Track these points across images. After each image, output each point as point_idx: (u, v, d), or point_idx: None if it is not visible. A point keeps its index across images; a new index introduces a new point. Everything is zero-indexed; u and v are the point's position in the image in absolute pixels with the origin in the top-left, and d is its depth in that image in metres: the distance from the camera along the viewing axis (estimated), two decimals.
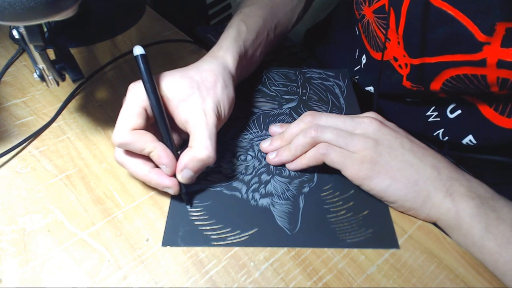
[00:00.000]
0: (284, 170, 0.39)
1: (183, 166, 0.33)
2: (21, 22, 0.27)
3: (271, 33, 0.49)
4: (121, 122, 0.33)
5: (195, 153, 0.33)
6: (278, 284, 0.31)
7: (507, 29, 0.34)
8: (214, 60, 0.40)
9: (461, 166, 0.38)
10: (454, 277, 0.31)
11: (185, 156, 0.33)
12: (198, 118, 0.34)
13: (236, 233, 0.34)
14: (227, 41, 0.43)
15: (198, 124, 0.34)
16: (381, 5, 0.45)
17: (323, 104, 0.47)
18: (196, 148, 0.33)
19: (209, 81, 0.37)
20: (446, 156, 0.39)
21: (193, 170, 0.33)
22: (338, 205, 0.36)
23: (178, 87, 0.36)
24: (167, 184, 0.33)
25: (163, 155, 0.33)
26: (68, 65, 0.36)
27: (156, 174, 0.34)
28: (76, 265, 0.31)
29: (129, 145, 0.33)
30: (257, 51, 0.47)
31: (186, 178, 0.34)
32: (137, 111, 0.33)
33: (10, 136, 0.41)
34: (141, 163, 0.34)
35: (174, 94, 0.35)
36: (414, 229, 0.35)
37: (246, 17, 0.47)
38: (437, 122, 0.48)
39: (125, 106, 0.34)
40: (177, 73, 0.37)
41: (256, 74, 0.50)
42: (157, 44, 0.56)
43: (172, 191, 0.34)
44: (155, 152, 0.33)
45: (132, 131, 0.33)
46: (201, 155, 0.33)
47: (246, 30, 0.45)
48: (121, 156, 0.34)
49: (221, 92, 0.37)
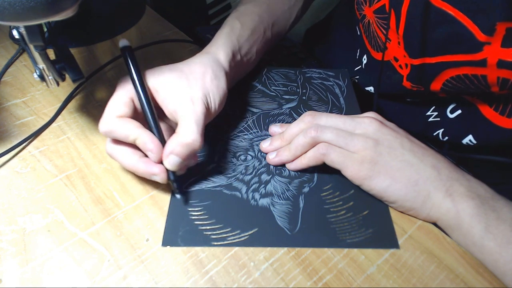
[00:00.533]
0: (284, 170, 0.39)
1: (169, 151, 0.33)
2: (21, 22, 0.27)
3: (268, 31, 0.49)
4: (107, 110, 0.34)
5: (180, 138, 0.33)
6: (278, 284, 0.31)
7: (508, 29, 0.34)
8: (205, 55, 0.41)
9: (461, 166, 0.38)
10: (454, 277, 0.31)
11: (171, 142, 0.33)
12: (185, 106, 0.35)
13: (236, 233, 0.34)
14: (220, 38, 0.43)
15: (185, 111, 0.34)
16: (381, 5, 0.45)
17: (323, 104, 0.47)
18: (182, 133, 0.33)
19: (197, 72, 0.38)
20: (446, 156, 0.39)
21: (179, 156, 0.33)
22: (338, 205, 0.36)
23: (167, 79, 0.36)
24: (153, 171, 0.33)
25: (149, 141, 0.33)
26: (68, 65, 0.36)
27: (144, 162, 0.34)
28: (76, 265, 0.31)
29: (113, 133, 0.33)
30: (253, 48, 0.47)
31: (172, 164, 0.33)
32: (123, 100, 0.34)
33: (10, 136, 0.41)
34: (129, 152, 0.34)
35: (162, 86, 0.36)
36: (414, 229, 0.35)
37: (241, 15, 0.47)
38: (437, 122, 0.48)
39: (112, 97, 0.34)
40: (166, 67, 0.38)
41: (256, 74, 0.50)
42: (157, 44, 0.56)
43: (159, 178, 0.33)
44: (141, 138, 0.33)
45: (117, 118, 0.33)
46: (186, 140, 0.33)
47: (240, 26, 0.45)
48: (110, 147, 0.35)
49: (210, 82, 0.38)
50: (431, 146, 0.40)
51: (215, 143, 0.41)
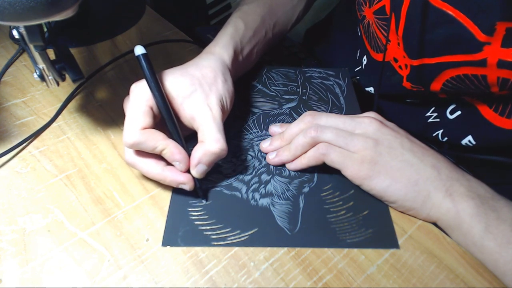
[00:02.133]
0: (284, 170, 0.39)
1: (197, 161, 0.33)
2: (21, 22, 0.27)
3: (270, 32, 0.49)
4: (130, 122, 0.33)
5: (208, 147, 0.33)
6: (278, 284, 0.31)
7: (508, 29, 0.34)
8: (212, 56, 0.40)
9: (461, 166, 0.38)
10: (454, 277, 0.31)
11: (198, 151, 0.34)
12: (205, 113, 0.35)
13: (236, 233, 0.34)
14: (224, 38, 0.43)
15: (206, 119, 0.35)
16: (381, 6, 0.45)
17: (323, 103, 0.47)
18: (208, 142, 0.34)
19: (209, 77, 0.38)
20: (446, 155, 0.39)
21: (206, 164, 0.34)
22: (338, 205, 0.36)
23: (180, 85, 0.36)
24: (182, 180, 0.34)
25: (176, 151, 0.33)
26: (68, 65, 0.36)
27: (170, 171, 0.34)
28: (76, 265, 0.31)
29: (141, 145, 0.33)
30: (254, 49, 0.47)
31: (200, 173, 0.34)
32: (144, 110, 0.33)
33: (10, 136, 0.41)
34: (153, 162, 0.34)
35: (177, 92, 0.36)
36: (414, 229, 0.35)
37: (244, 15, 0.47)
38: (436, 123, 0.47)
39: (131, 106, 0.34)
40: (177, 71, 0.37)
41: (256, 74, 0.50)
42: (157, 44, 0.56)
43: (188, 187, 0.34)
44: (168, 149, 0.33)
45: (142, 130, 0.33)
46: (214, 149, 0.33)
47: (243, 27, 0.45)
48: (131, 157, 0.34)
49: (222, 86, 0.38)
50: (431, 146, 0.40)
51: None
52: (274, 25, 0.49)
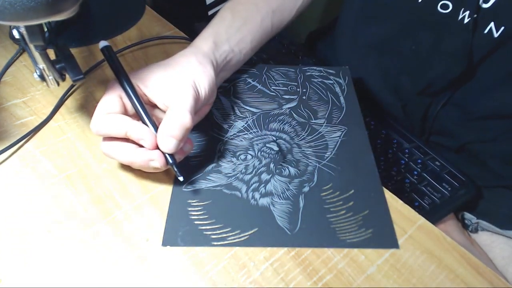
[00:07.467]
0: (284, 169, 0.39)
1: (161, 133, 0.33)
2: (22, 22, 0.27)
3: (267, 19, 0.48)
4: (96, 110, 0.34)
5: (171, 118, 0.34)
6: (278, 284, 0.31)
7: None
8: (189, 48, 0.42)
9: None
10: (454, 277, 0.31)
11: (162, 125, 0.34)
12: (175, 92, 0.36)
13: (236, 233, 0.34)
14: (206, 30, 0.44)
15: (175, 97, 0.35)
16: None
17: (323, 103, 0.47)
18: (172, 115, 0.34)
19: (182, 61, 0.39)
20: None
21: (172, 136, 0.33)
22: (338, 205, 0.36)
23: (154, 72, 0.37)
24: (150, 157, 0.33)
25: (140, 129, 0.33)
26: (68, 65, 0.36)
27: (140, 151, 0.34)
28: (76, 265, 0.31)
29: (105, 129, 0.33)
30: (246, 38, 0.46)
31: (168, 146, 0.33)
32: (111, 98, 0.34)
33: (10, 136, 0.41)
34: (124, 147, 0.34)
35: (150, 79, 0.37)
36: (414, 229, 0.35)
37: (234, 4, 0.47)
38: None
39: (102, 98, 0.35)
40: (152, 64, 0.39)
41: (256, 74, 0.50)
42: (157, 45, 0.55)
43: (158, 163, 0.33)
44: (132, 129, 0.33)
45: (107, 115, 0.34)
46: (176, 119, 0.34)
47: (231, 17, 0.45)
48: (105, 146, 0.35)
49: (195, 68, 0.38)
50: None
51: (215, 143, 0.41)
52: (274, 11, 0.48)
